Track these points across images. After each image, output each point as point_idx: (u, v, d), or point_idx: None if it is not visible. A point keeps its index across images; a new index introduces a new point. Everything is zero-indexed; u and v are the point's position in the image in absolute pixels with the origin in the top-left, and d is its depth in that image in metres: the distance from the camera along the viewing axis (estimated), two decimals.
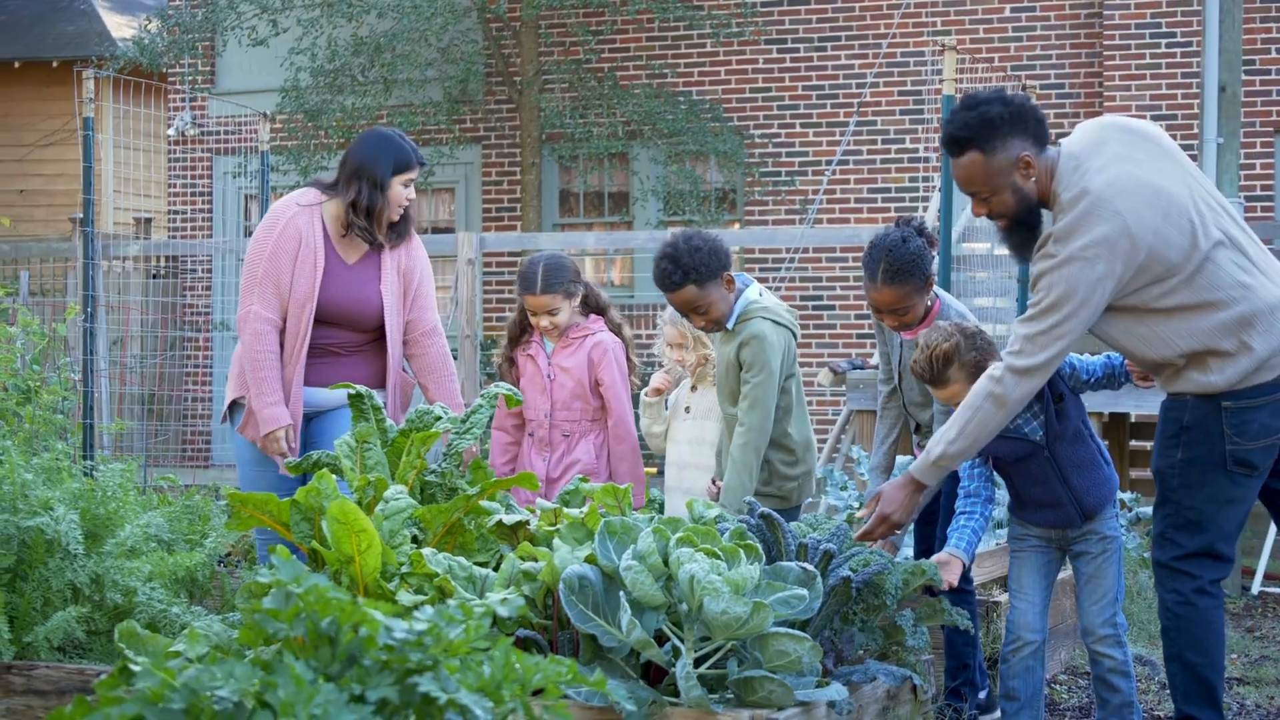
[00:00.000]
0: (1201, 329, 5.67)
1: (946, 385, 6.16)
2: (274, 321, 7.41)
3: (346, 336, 7.57)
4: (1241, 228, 5.88)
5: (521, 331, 8.05)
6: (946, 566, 6.23)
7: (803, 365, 7.39)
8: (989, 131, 5.80)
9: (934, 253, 6.80)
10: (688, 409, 7.71)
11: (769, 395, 7.00)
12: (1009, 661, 6.38)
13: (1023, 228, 5.94)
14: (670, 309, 7.46)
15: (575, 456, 7.76)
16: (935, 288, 6.83)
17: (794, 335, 7.16)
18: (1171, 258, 5.65)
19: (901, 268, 6.55)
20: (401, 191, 7.56)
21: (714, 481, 7.32)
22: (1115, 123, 5.98)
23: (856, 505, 9.43)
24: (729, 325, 7.06)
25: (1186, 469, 5.80)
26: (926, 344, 6.18)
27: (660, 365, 7.96)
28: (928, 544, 6.98)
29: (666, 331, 7.67)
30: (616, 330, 7.96)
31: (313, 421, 7.55)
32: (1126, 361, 6.19)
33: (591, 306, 8.01)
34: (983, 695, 6.97)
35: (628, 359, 7.92)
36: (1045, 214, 5.94)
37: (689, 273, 6.94)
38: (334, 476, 6.00)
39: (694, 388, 7.72)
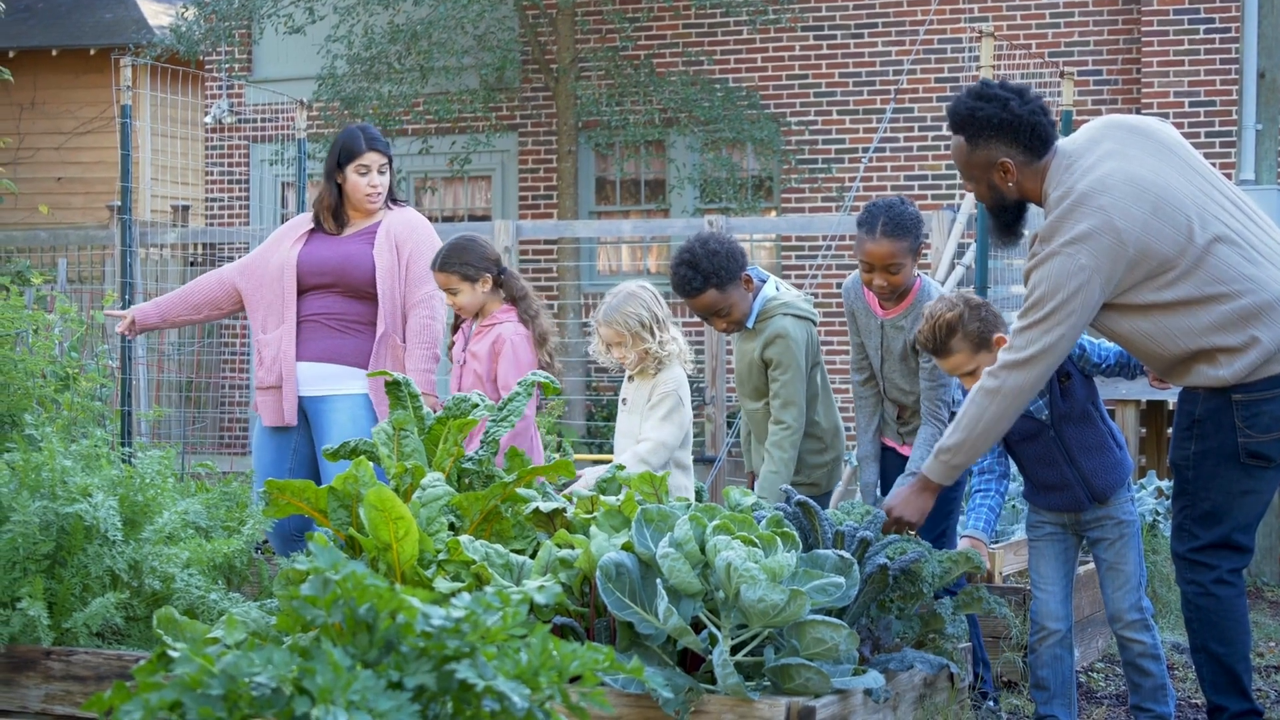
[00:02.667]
0: (1206, 323, 5.66)
1: (949, 355, 6.21)
2: (223, 273, 8.12)
3: (340, 303, 7.80)
4: (1254, 220, 5.84)
5: (458, 320, 8.13)
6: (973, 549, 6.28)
7: (840, 351, 7.41)
8: (975, 128, 5.87)
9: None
10: (624, 400, 7.69)
11: (800, 391, 7.07)
12: (1036, 652, 6.37)
13: (999, 218, 6.05)
14: (603, 309, 7.46)
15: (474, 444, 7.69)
16: (921, 274, 6.94)
17: (814, 324, 7.21)
18: (1164, 252, 5.64)
19: (900, 223, 6.75)
20: (361, 180, 7.83)
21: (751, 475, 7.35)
22: (1114, 121, 5.98)
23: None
24: (749, 324, 7.10)
25: (1201, 461, 5.80)
26: (931, 313, 6.24)
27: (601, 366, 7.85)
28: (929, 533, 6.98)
29: (602, 332, 7.50)
30: (529, 320, 7.87)
31: (312, 414, 7.70)
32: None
33: (509, 295, 7.91)
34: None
35: (543, 349, 7.85)
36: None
37: (709, 277, 6.99)
38: (371, 464, 6.01)
39: (630, 378, 7.66)
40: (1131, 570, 6.27)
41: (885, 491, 7.02)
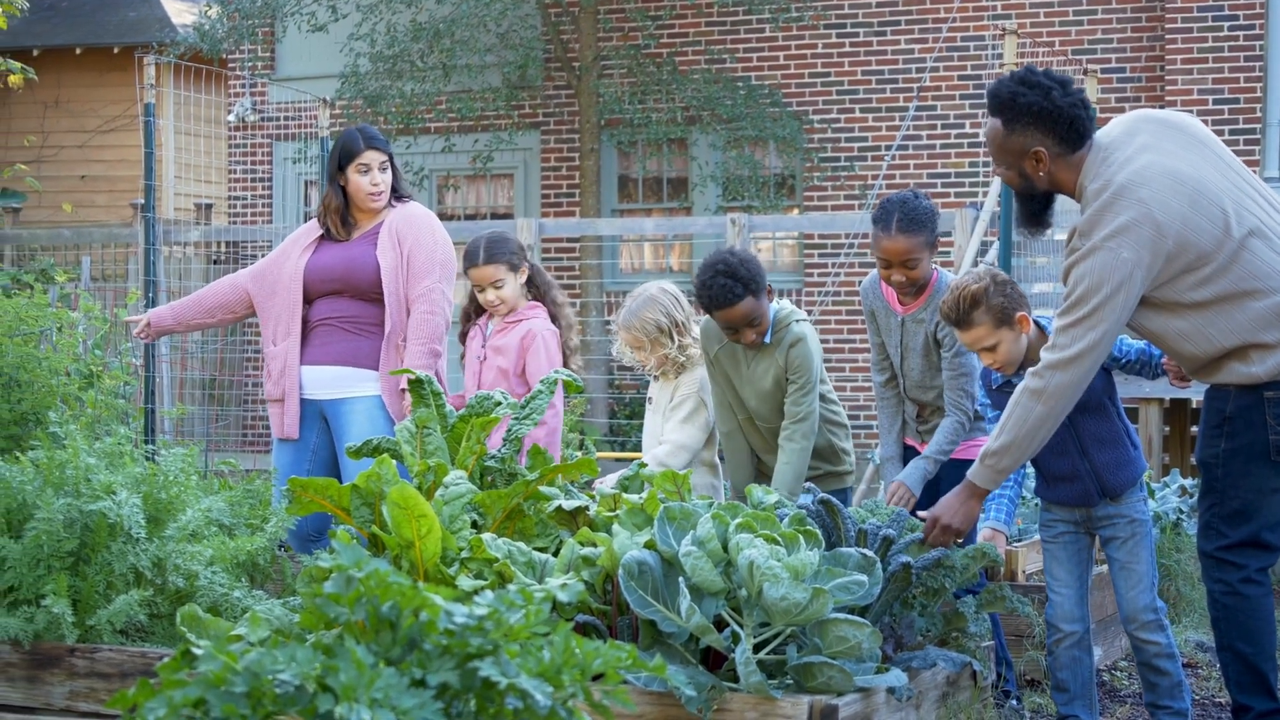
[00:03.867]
0: (1241, 321, 5.62)
1: (971, 327, 6.18)
2: (236, 278, 8.11)
3: (349, 306, 7.80)
4: None
5: (466, 318, 8.15)
6: (991, 541, 6.29)
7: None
8: (1014, 114, 5.79)
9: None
10: (650, 400, 7.74)
11: (816, 397, 7.20)
12: (1054, 654, 6.35)
13: (1026, 206, 6.01)
14: (622, 314, 7.53)
15: (494, 441, 7.69)
16: (939, 267, 6.96)
17: None
18: (1202, 245, 5.60)
19: (915, 218, 6.75)
20: (362, 179, 7.82)
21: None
22: (1147, 115, 5.94)
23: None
24: (766, 339, 7.17)
25: (1230, 459, 5.76)
26: (957, 285, 6.23)
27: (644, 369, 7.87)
28: None
29: (622, 336, 7.64)
30: (555, 316, 7.96)
31: (329, 416, 7.73)
32: (1164, 359, 6.17)
33: (536, 289, 8.01)
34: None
35: (566, 344, 7.94)
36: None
37: (748, 284, 7.04)
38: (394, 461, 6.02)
39: (656, 378, 7.74)
40: (1145, 570, 6.25)
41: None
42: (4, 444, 7.90)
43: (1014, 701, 6.87)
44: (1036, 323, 6.26)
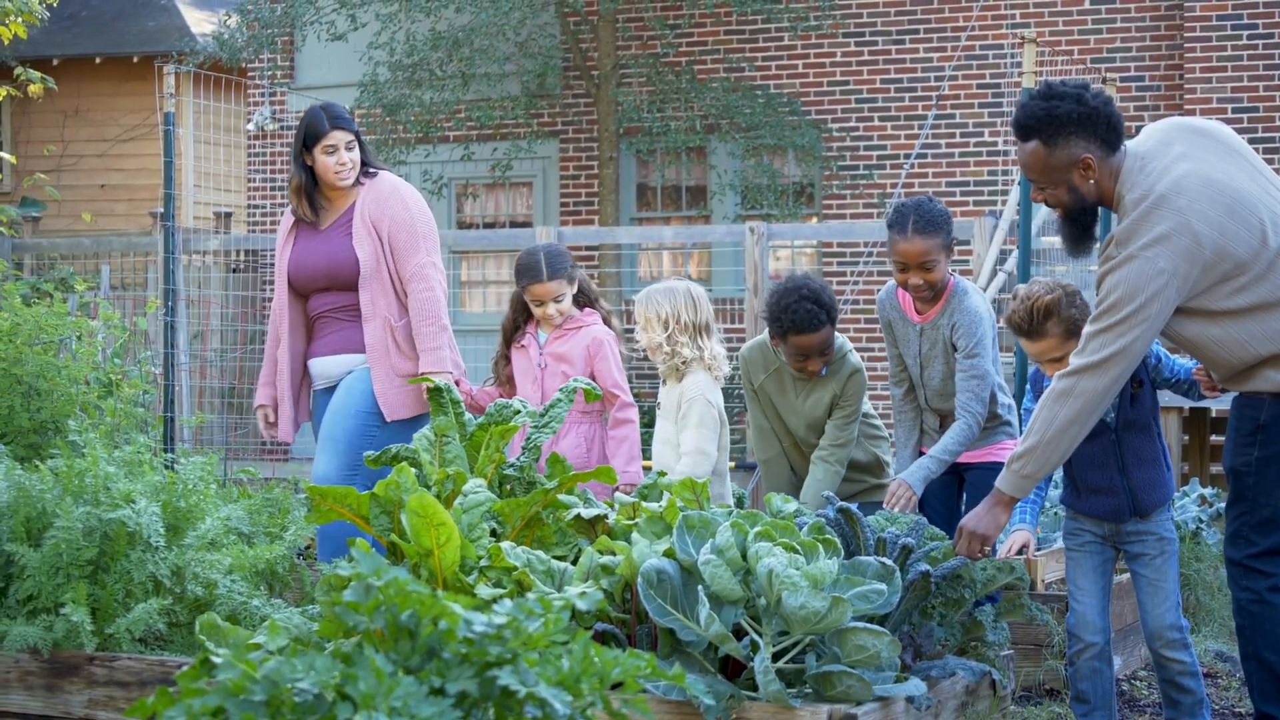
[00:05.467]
0: (1277, 328, 5.61)
1: (1042, 338, 6.15)
2: (283, 303, 7.89)
3: (338, 298, 7.77)
4: None
5: (515, 327, 8.17)
6: (1023, 545, 6.30)
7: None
8: (1054, 128, 5.74)
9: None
10: (659, 404, 7.78)
11: (857, 426, 7.35)
12: (1075, 665, 6.34)
13: (1076, 224, 5.92)
14: (644, 291, 7.66)
15: (561, 448, 7.71)
16: (955, 274, 6.98)
17: None
18: (1239, 254, 5.58)
19: (930, 219, 6.80)
20: (329, 160, 7.72)
21: None
22: (1182, 123, 5.91)
23: None
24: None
25: (1263, 467, 5.74)
26: (1028, 295, 6.20)
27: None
28: None
29: (637, 310, 7.78)
30: (606, 321, 8.05)
31: (327, 395, 7.77)
32: (1195, 368, 6.15)
33: (584, 296, 8.12)
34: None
35: (619, 349, 8.05)
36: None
37: (830, 311, 7.16)
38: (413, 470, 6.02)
39: (665, 382, 7.78)
40: (1171, 588, 6.24)
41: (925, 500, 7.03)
42: (24, 452, 7.92)
43: None
44: None
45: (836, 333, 7.31)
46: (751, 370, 7.42)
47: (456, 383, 7.60)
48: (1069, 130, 5.73)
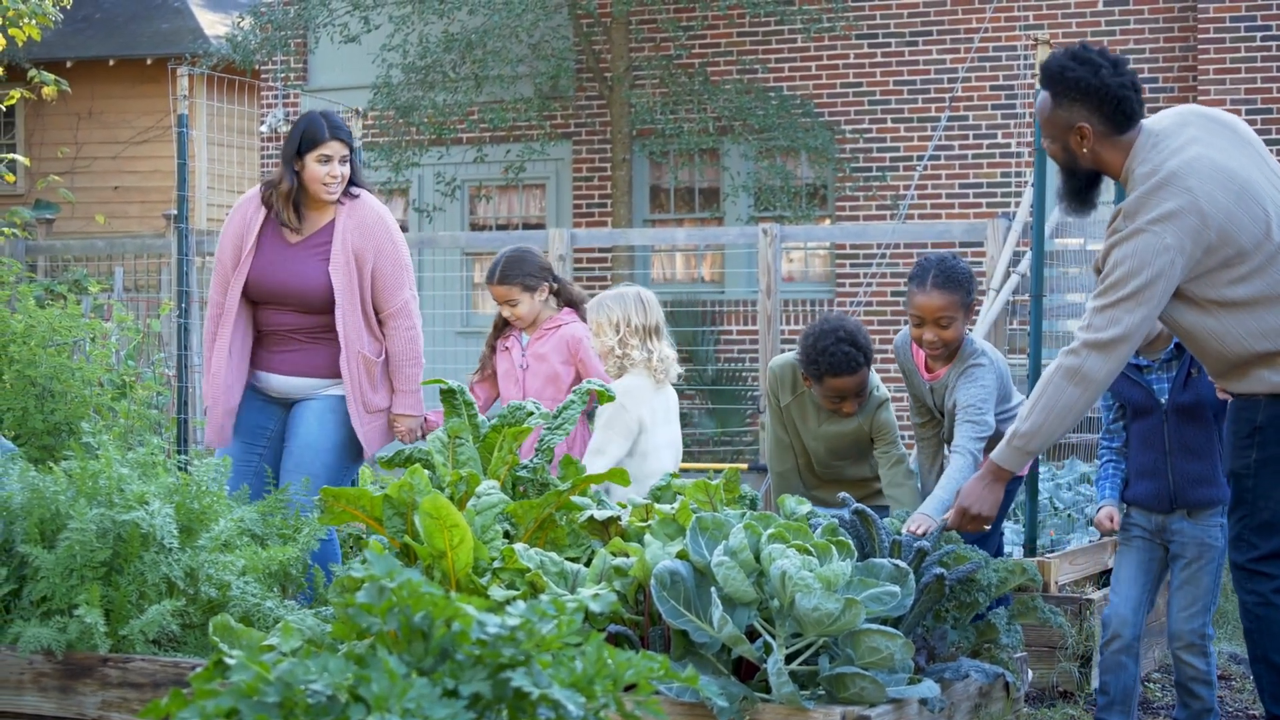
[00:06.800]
0: (1273, 325, 5.60)
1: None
2: (219, 303, 7.51)
3: (298, 319, 7.49)
4: None
5: (505, 322, 8.24)
6: (1108, 519, 6.47)
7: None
8: (1062, 87, 5.78)
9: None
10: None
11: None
12: (1102, 655, 6.37)
13: (1070, 181, 5.96)
14: (594, 300, 7.67)
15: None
16: (970, 334, 6.98)
17: None
18: (1243, 242, 5.57)
19: (952, 276, 6.73)
20: (320, 169, 7.40)
21: None
22: (1197, 109, 5.93)
23: None
24: None
25: (1262, 470, 5.73)
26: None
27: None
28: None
29: (598, 343, 7.75)
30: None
31: (292, 408, 7.53)
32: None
33: (565, 301, 8.19)
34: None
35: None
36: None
37: (868, 355, 7.07)
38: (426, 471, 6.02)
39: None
40: (1202, 594, 6.25)
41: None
42: (38, 454, 7.93)
43: None
44: None
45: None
46: (779, 388, 7.36)
47: (426, 419, 7.55)
48: (1074, 95, 5.76)
